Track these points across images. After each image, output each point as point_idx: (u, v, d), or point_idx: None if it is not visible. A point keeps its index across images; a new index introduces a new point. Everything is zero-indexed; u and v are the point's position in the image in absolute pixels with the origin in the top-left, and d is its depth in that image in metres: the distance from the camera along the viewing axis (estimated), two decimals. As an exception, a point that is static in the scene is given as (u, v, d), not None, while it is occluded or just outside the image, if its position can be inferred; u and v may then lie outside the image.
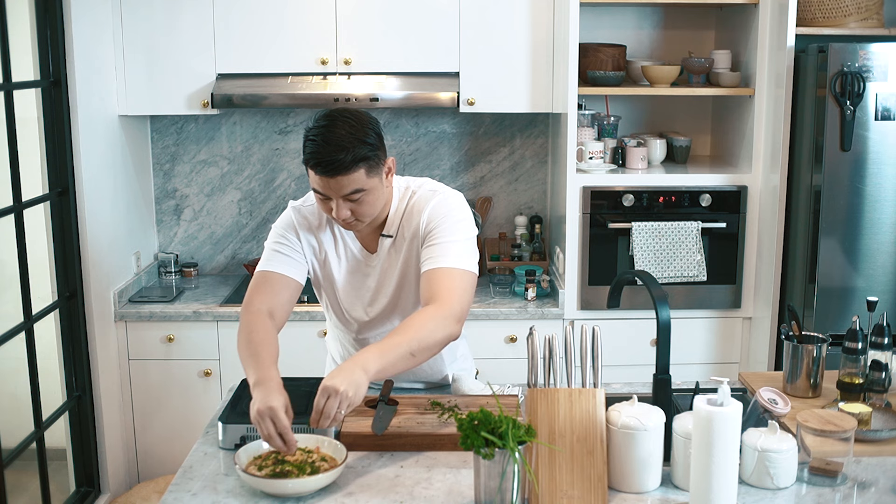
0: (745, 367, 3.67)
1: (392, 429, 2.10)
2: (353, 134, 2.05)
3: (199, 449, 2.09)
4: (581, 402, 1.92)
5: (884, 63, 3.13)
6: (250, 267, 3.92)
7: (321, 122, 2.07)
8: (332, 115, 2.09)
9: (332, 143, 2.03)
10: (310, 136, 2.07)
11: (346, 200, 2.10)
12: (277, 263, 2.24)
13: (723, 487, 1.73)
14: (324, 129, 2.05)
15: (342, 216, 2.11)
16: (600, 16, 3.87)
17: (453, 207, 2.24)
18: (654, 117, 4.04)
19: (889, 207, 3.23)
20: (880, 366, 2.26)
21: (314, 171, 2.07)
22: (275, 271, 2.23)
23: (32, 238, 3.15)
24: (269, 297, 2.21)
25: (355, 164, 2.05)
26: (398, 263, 2.28)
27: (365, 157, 2.06)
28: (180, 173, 4.06)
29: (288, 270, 2.24)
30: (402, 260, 2.27)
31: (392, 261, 2.29)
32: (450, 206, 2.24)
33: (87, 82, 3.34)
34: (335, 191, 2.08)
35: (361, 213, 2.13)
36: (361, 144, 2.05)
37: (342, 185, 2.06)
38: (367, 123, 2.09)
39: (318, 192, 2.12)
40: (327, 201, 2.12)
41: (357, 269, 2.31)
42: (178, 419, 3.61)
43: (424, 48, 3.62)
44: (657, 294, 1.97)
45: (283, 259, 2.25)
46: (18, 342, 3.08)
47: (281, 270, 2.24)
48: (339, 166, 2.03)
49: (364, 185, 2.09)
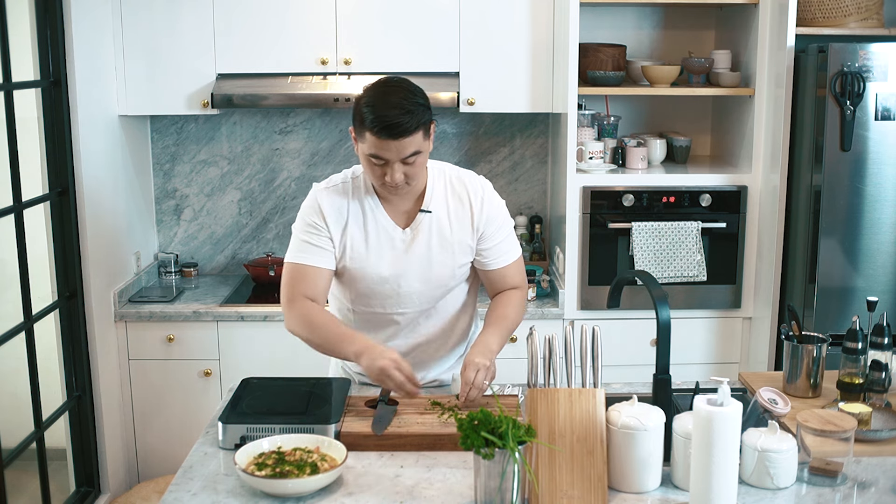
0: (745, 367, 3.67)
1: (392, 429, 2.10)
2: (410, 98, 2.14)
3: (199, 449, 2.09)
4: (581, 402, 1.92)
5: (884, 63, 3.13)
6: (250, 267, 3.92)
7: (377, 90, 2.15)
8: (385, 82, 2.19)
9: (396, 107, 2.10)
10: (368, 103, 2.13)
11: (403, 163, 2.16)
12: (309, 255, 2.30)
13: (723, 487, 1.73)
14: (382, 94, 2.13)
15: (397, 179, 2.17)
16: (600, 16, 3.87)
17: (500, 199, 2.40)
18: (654, 117, 4.04)
19: (889, 207, 3.23)
20: (880, 366, 2.26)
21: (377, 136, 2.11)
22: (308, 264, 2.29)
23: (32, 238, 3.15)
24: (309, 288, 2.29)
25: (417, 127, 2.13)
26: (434, 238, 2.32)
27: (426, 120, 2.16)
28: (180, 173, 4.06)
29: (320, 261, 2.30)
30: (440, 235, 2.32)
31: (427, 236, 2.32)
32: (499, 198, 2.40)
33: (87, 82, 3.34)
34: (396, 153, 2.14)
35: (413, 174, 2.20)
36: (420, 107, 2.14)
37: (404, 146, 2.13)
38: (417, 89, 2.19)
39: (374, 157, 2.16)
40: (382, 167, 2.17)
41: (388, 243, 2.32)
42: (178, 419, 3.61)
43: (424, 48, 3.62)
44: (657, 294, 1.97)
45: (313, 250, 2.30)
46: (18, 342, 3.08)
47: (313, 263, 2.30)
48: (405, 129, 2.10)
49: (421, 146, 2.17)
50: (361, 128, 2.15)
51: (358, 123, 2.16)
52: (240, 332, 3.58)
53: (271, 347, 3.57)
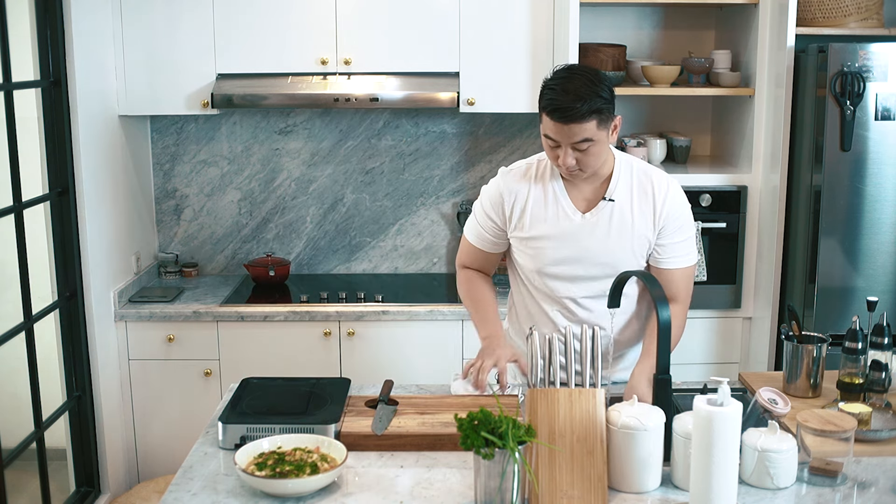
0: (745, 367, 3.67)
1: (392, 429, 2.10)
2: (590, 87, 2.18)
3: (199, 449, 2.09)
4: (581, 402, 1.92)
5: (884, 63, 3.13)
6: (250, 267, 3.92)
7: (561, 74, 2.23)
8: (572, 68, 2.26)
9: (571, 93, 2.16)
10: (549, 84, 2.21)
11: (574, 149, 2.22)
12: (477, 238, 2.50)
13: (723, 487, 1.73)
14: (563, 79, 2.20)
15: (568, 164, 2.23)
16: (600, 16, 3.87)
17: (686, 201, 2.42)
18: (654, 117, 4.04)
19: (889, 207, 3.23)
20: (880, 366, 2.26)
21: (550, 118, 2.19)
22: (478, 247, 2.51)
23: (32, 238, 3.15)
24: (474, 262, 2.55)
25: (589, 115, 2.18)
26: (615, 227, 2.34)
27: (598, 109, 2.19)
28: (180, 173, 4.06)
29: (484, 245, 2.49)
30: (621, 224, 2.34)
31: (608, 223, 2.35)
32: (686, 200, 2.42)
33: (87, 82, 3.34)
34: (567, 137, 2.20)
35: (586, 162, 2.25)
36: (596, 97, 2.18)
37: (574, 132, 2.18)
38: (603, 79, 2.24)
39: (548, 139, 2.24)
40: (556, 149, 2.24)
41: (568, 227, 2.36)
42: (178, 419, 3.61)
43: (424, 48, 3.62)
44: (657, 294, 1.97)
45: (482, 234, 2.48)
46: (18, 342, 3.07)
47: (479, 245, 2.50)
48: (575, 114, 2.16)
49: (593, 135, 2.21)
50: (540, 107, 2.24)
51: (539, 102, 2.25)
52: (240, 332, 3.58)
53: (271, 347, 3.57)
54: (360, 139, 4.05)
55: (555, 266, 2.37)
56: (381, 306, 3.57)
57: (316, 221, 4.11)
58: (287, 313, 3.56)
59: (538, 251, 2.38)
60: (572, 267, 2.36)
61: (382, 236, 4.11)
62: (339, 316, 3.56)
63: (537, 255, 2.39)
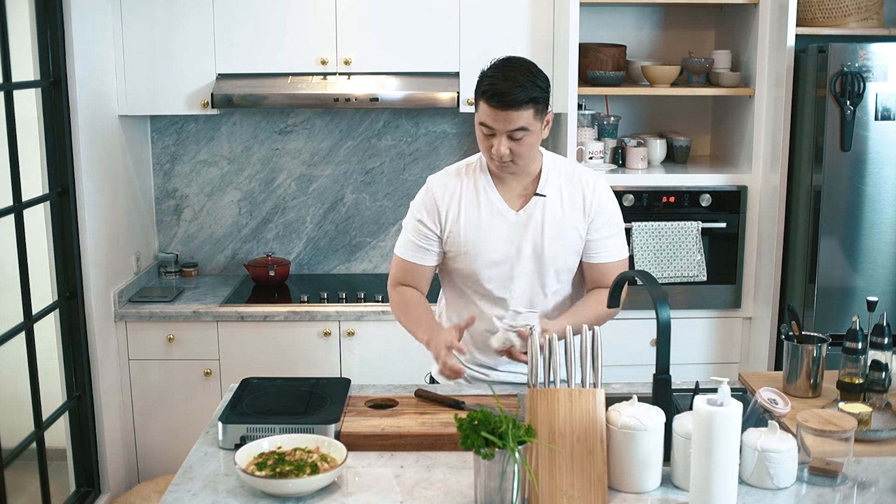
0: (745, 367, 3.67)
1: (392, 429, 2.10)
2: (528, 76, 2.23)
3: (199, 449, 2.09)
4: (581, 402, 1.92)
5: (884, 63, 3.13)
6: (250, 267, 3.92)
7: (501, 62, 2.27)
8: (510, 58, 2.30)
9: (511, 79, 2.21)
10: (487, 73, 2.25)
11: (509, 138, 2.25)
12: (413, 253, 2.47)
13: (723, 487, 1.73)
14: (502, 67, 2.24)
15: (501, 152, 2.26)
16: (600, 16, 3.87)
17: (614, 197, 2.46)
18: (654, 117, 4.04)
19: (889, 207, 3.23)
20: (880, 366, 2.26)
21: (488, 103, 2.22)
22: (411, 261, 2.48)
23: (32, 238, 3.15)
24: (409, 279, 2.50)
25: (527, 102, 2.21)
26: (548, 222, 2.37)
27: (536, 98, 2.23)
28: (180, 173, 4.06)
29: (423, 259, 2.46)
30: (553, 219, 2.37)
31: (541, 219, 2.37)
32: (613, 196, 2.46)
33: (87, 82, 3.34)
34: (503, 124, 2.23)
35: (519, 153, 2.28)
36: (534, 86, 2.23)
37: (511, 119, 2.22)
38: (539, 71, 2.29)
39: (484, 126, 2.26)
40: (490, 137, 2.27)
41: (502, 224, 2.38)
42: (178, 419, 3.61)
43: (424, 48, 3.62)
44: (657, 294, 1.97)
45: (417, 249, 2.46)
46: (18, 342, 3.07)
47: (416, 261, 2.47)
48: (514, 101, 2.20)
49: (529, 124, 2.24)
50: (477, 94, 2.26)
51: (476, 90, 2.27)
52: (240, 332, 3.58)
53: (271, 347, 3.57)
54: (360, 139, 4.05)
55: (491, 266, 2.40)
56: (381, 306, 3.57)
57: (316, 221, 4.11)
58: (287, 313, 3.56)
59: (475, 253, 2.40)
60: (509, 265, 2.39)
61: (382, 236, 4.11)
62: (339, 316, 3.56)
63: (474, 256, 2.40)
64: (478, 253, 2.40)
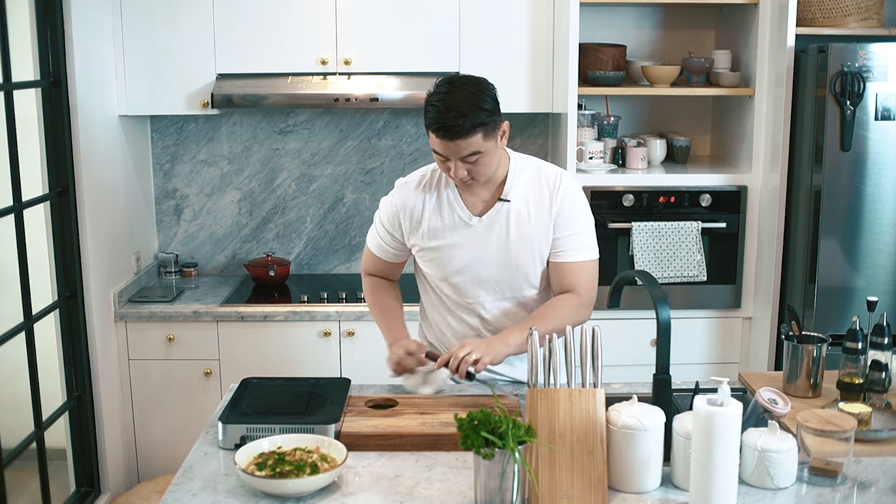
0: (745, 367, 3.67)
1: (392, 429, 2.10)
2: (472, 100, 2.19)
3: (199, 449, 2.09)
4: (581, 402, 1.92)
5: (884, 63, 3.13)
6: (250, 267, 3.92)
7: (441, 89, 2.22)
8: (452, 80, 2.24)
9: (453, 109, 2.17)
10: (431, 101, 2.22)
11: (464, 162, 2.24)
12: (379, 250, 2.55)
13: (723, 487, 1.73)
14: (444, 94, 2.20)
15: (459, 176, 2.27)
16: (600, 16, 3.87)
17: (581, 194, 2.43)
18: (654, 117, 4.04)
19: (889, 207, 3.23)
20: (880, 366, 2.26)
21: (435, 135, 2.22)
22: (379, 256, 2.56)
23: (32, 238, 3.15)
24: (378, 270, 2.60)
25: (473, 129, 2.19)
26: (513, 227, 2.36)
27: (482, 122, 2.20)
28: (180, 173, 4.06)
29: (386, 256, 2.54)
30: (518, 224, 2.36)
31: (505, 224, 2.36)
32: (580, 193, 2.42)
33: (87, 82, 3.34)
34: (454, 153, 2.22)
35: (477, 172, 2.28)
36: (479, 111, 2.19)
37: (460, 147, 2.21)
38: (485, 90, 2.23)
39: (437, 154, 2.27)
40: (446, 162, 2.26)
41: (465, 231, 2.38)
42: (178, 419, 3.61)
43: (424, 48, 3.62)
44: (657, 294, 1.97)
45: (382, 245, 2.53)
46: (18, 342, 3.07)
47: (383, 256, 2.55)
48: (459, 131, 2.18)
49: (481, 147, 2.23)
50: (425, 123, 2.25)
51: (424, 118, 2.26)
52: (240, 332, 3.58)
53: (271, 347, 3.57)
54: (360, 139, 4.05)
55: (457, 274, 2.41)
56: (381, 306, 3.57)
57: (316, 221, 4.11)
58: (287, 313, 3.56)
59: (440, 260, 2.41)
60: (475, 272, 2.39)
61: (382, 236, 4.10)
62: (339, 316, 3.56)
63: (439, 263, 2.42)
64: (442, 259, 2.41)
